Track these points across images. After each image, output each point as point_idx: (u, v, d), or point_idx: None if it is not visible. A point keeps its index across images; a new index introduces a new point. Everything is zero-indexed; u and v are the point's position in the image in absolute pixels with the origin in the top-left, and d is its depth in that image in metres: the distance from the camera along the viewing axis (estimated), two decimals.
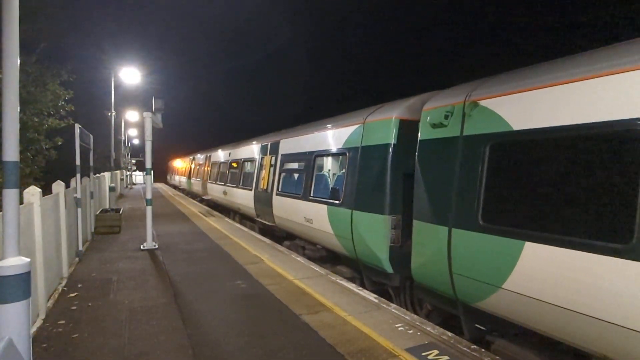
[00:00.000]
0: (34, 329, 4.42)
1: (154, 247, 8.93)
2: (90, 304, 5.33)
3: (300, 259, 8.15)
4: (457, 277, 4.61)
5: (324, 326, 4.64)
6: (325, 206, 7.59)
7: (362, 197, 6.58)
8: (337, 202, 7.23)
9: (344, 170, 7.33)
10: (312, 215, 8.09)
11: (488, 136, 4.41)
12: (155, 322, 4.74)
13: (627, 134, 3.21)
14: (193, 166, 26.59)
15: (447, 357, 3.90)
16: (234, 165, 15.44)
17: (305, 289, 6.09)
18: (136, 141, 45.93)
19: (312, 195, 8.25)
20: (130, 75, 21.85)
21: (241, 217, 14.69)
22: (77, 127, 7.76)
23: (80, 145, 7.87)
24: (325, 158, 8.51)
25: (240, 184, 13.93)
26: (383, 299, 5.67)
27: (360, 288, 6.20)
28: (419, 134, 5.46)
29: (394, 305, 5.40)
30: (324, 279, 6.68)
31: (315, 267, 7.44)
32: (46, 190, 6.01)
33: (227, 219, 14.37)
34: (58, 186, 6.46)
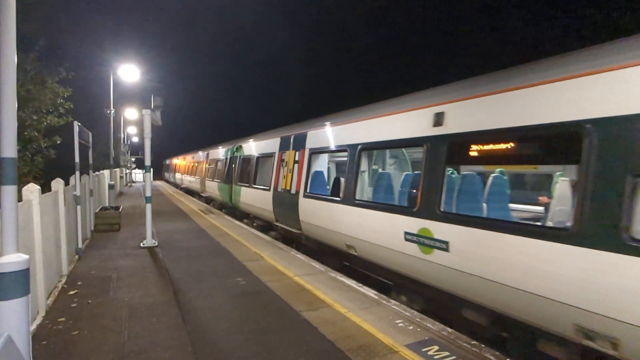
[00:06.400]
0: (33, 326, 4.42)
1: (154, 245, 8.93)
2: (90, 301, 5.34)
3: (300, 255, 8.16)
4: (239, 202, 14.12)
5: (324, 322, 4.65)
6: (217, 183, 17.97)
7: (225, 178, 16.27)
8: (220, 180, 17.23)
9: (225, 166, 16.77)
10: (214, 187, 18.60)
11: (242, 155, 14.57)
12: (155, 319, 4.74)
13: (259, 158, 13.09)
14: (178, 164, 35.47)
15: (447, 353, 3.91)
16: (195, 164, 25.77)
17: (305, 285, 6.10)
18: (135, 139, 45.81)
19: (215, 178, 18.53)
20: (129, 72, 21.78)
21: (199, 195, 23.75)
22: (76, 124, 7.72)
23: (80, 143, 7.85)
24: (220, 162, 18.05)
25: (195, 175, 24.86)
26: (383, 295, 5.68)
27: (360, 285, 6.22)
28: (236, 154, 15.22)
29: (394, 302, 5.43)
30: (324, 275, 6.69)
31: (316, 264, 7.45)
32: (45, 190, 5.99)
33: (226, 217, 14.43)
34: (57, 183, 6.43)
